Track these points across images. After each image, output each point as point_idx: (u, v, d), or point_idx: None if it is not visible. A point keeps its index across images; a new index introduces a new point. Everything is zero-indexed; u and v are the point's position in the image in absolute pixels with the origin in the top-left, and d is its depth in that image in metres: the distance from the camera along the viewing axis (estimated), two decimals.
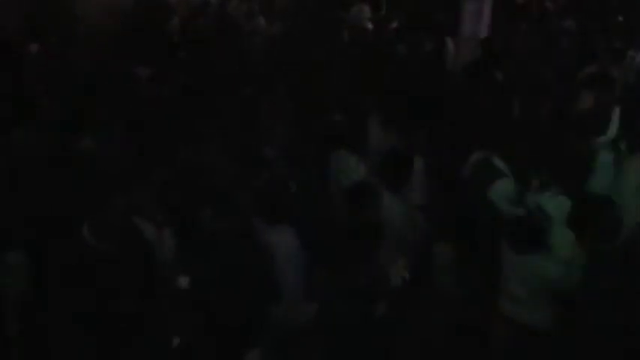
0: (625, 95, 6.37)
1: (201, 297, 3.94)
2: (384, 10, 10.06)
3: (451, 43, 8.45)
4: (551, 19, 9.97)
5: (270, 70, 7.28)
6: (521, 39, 8.74)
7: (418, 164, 5.21)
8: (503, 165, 5.02)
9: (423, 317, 4.77)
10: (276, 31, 9.15)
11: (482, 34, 8.29)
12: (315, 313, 4.18)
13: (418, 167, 5.21)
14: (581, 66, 7.31)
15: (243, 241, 4.03)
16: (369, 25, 9.29)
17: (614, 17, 9.66)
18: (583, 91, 5.91)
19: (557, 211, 4.33)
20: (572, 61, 7.75)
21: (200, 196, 4.27)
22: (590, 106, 5.68)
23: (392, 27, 9.34)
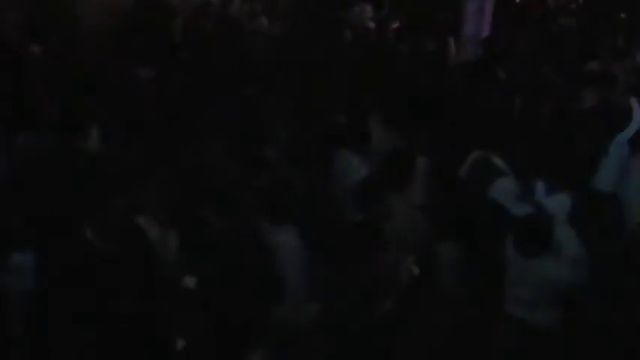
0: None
1: (204, 297, 3.94)
2: (385, 9, 10.05)
3: (453, 43, 8.45)
4: (552, 18, 9.96)
5: (271, 70, 7.27)
6: (522, 38, 8.73)
7: (420, 164, 5.21)
8: (502, 163, 5.01)
9: (425, 317, 4.76)
10: (277, 31, 9.15)
11: (484, 34, 8.29)
12: (318, 313, 4.17)
13: (420, 167, 5.21)
14: (582, 65, 7.31)
15: (245, 241, 4.02)
16: (370, 24, 9.29)
17: (617, 15, 9.66)
18: (584, 90, 5.91)
19: (559, 210, 4.32)
20: (573, 60, 7.74)
21: (201, 196, 4.27)
22: (593, 104, 5.67)
23: (394, 27, 9.34)
